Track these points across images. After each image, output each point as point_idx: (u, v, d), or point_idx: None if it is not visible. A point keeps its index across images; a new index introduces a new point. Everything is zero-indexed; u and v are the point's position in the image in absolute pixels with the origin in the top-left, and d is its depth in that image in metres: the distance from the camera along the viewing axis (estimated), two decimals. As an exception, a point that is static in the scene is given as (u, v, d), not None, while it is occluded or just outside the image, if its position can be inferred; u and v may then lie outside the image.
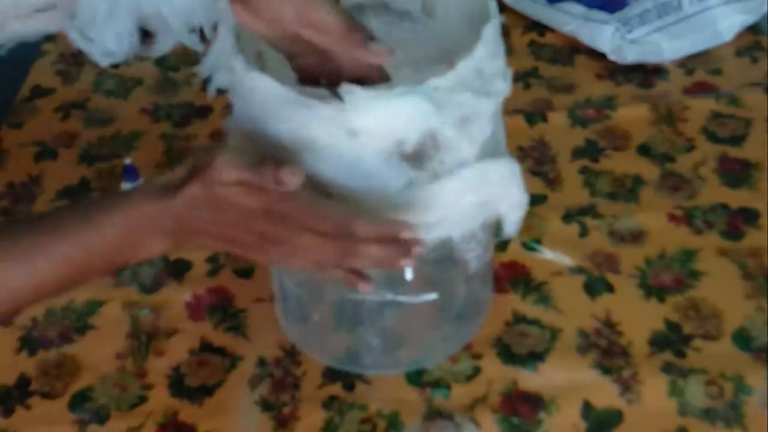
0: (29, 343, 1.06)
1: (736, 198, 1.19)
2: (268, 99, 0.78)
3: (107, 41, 1.38)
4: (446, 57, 0.84)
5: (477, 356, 1.01)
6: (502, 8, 1.57)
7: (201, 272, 1.13)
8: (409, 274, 0.94)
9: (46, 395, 1.01)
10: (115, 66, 1.50)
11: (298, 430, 0.96)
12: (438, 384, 0.99)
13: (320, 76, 0.85)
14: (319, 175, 0.80)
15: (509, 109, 1.33)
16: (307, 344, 1.03)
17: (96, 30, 1.41)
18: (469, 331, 1.02)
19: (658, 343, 1.01)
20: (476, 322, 1.04)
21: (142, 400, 0.99)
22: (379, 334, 1.01)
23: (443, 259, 0.93)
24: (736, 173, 1.22)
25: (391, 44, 0.82)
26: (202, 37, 0.90)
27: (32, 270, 0.71)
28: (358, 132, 0.78)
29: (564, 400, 0.96)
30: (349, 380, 1.00)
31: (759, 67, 1.42)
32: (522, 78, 1.44)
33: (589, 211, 1.18)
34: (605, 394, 0.97)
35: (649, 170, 1.24)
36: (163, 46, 1.44)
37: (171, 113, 1.41)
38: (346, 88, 0.76)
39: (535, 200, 1.20)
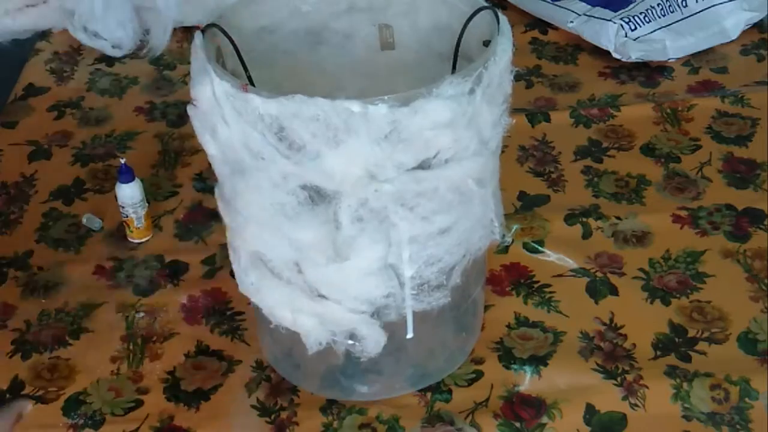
0: (23, 347, 1.05)
1: (742, 198, 1.17)
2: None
3: (113, 31, 1.37)
4: None
5: (478, 360, 1.00)
6: (504, 5, 1.56)
7: (197, 274, 1.12)
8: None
9: (40, 399, 0.99)
10: (110, 64, 1.49)
11: (295, 436, 0.95)
12: (438, 388, 0.97)
13: None
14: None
15: (511, 108, 1.34)
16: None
17: (97, 22, 1.41)
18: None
19: (662, 346, 1.00)
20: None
21: (138, 404, 0.98)
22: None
23: None
24: (742, 173, 1.22)
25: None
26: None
27: None
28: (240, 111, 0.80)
29: (566, 405, 0.95)
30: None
31: (765, 66, 1.41)
32: (524, 76, 1.43)
33: (593, 211, 1.17)
34: (608, 398, 0.95)
35: (653, 170, 1.23)
36: (158, 41, 1.43)
37: (166, 112, 1.40)
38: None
39: (537, 201, 1.20)
